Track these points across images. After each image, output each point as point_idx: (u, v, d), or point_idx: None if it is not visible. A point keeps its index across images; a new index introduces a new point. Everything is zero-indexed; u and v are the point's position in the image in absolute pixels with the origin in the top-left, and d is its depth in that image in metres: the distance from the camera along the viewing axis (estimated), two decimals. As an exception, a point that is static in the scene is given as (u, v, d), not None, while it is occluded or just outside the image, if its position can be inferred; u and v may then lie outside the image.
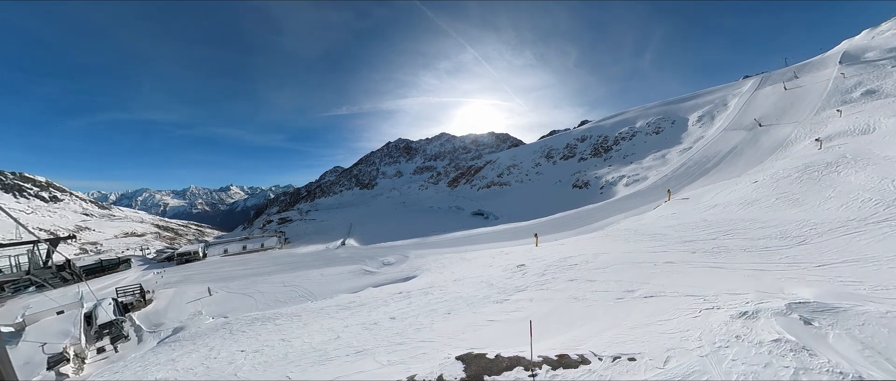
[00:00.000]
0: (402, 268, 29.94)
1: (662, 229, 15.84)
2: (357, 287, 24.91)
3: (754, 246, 10.21)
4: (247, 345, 13.53)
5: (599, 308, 8.64)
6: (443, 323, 10.64)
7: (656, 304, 7.98)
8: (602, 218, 32.54)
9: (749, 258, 9.39)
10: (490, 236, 39.68)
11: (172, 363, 13.26)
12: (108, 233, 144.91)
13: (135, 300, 28.37)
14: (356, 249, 54.26)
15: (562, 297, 10.09)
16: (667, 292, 8.42)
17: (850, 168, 15.65)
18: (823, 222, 10.74)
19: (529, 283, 12.51)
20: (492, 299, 12.14)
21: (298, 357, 10.68)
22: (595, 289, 9.80)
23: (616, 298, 8.86)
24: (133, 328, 23.67)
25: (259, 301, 26.97)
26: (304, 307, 19.54)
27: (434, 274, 23.18)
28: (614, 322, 7.58)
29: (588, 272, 11.72)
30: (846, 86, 44.14)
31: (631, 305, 8.35)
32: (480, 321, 9.90)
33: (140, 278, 40.19)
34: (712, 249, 10.90)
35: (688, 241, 12.61)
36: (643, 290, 8.93)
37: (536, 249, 21.61)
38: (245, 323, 17.85)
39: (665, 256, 11.46)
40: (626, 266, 11.33)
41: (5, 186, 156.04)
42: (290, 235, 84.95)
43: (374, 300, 17.54)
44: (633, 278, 10.00)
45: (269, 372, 9.95)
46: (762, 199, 16.02)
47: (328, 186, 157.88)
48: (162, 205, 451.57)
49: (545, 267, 14.29)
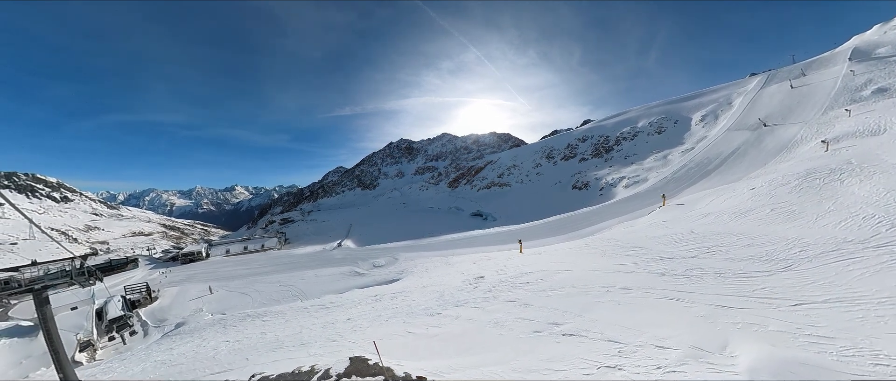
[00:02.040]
0: (390, 271, 30.11)
1: (646, 240, 14.75)
2: (344, 288, 25.31)
3: (732, 270, 9.04)
4: (231, 337, 15.50)
5: (509, 339, 8.22)
6: (375, 329, 11.31)
7: (566, 347, 7.16)
8: (596, 222, 31.48)
9: (719, 287, 8.21)
10: (481, 239, 39.10)
11: (170, 350, 15.69)
12: (116, 232, 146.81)
13: (141, 298, 30.14)
14: (351, 250, 54.37)
15: (486, 319, 9.91)
16: (590, 333, 7.48)
17: (855, 176, 14.32)
18: (817, 241, 9.52)
19: (472, 299, 12.58)
20: (430, 311, 12.35)
21: (262, 346, 12.51)
22: (523, 315, 9.41)
23: (534, 330, 8.28)
24: (140, 322, 25.21)
25: (255, 300, 27.85)
26: (292, 306, 20.58)
27: (414, 278, 23.36)
28: (507, 359, 7.14)
29: (532, 294, 11.21)
30: (856, 84, 42.22)
31: (541, 342, 7.65)
32: (401, 332, 10.28)
33: (147, 276, 42.62)
34: (685, 271, 9.76)
35: (664, 258, 11.53)
36: (570, 325, 8.08)
37: (517, 256, 20.91)
38: (238, 319, 19.30)
39: (627, 278, 10.40)
40: (577, 290, 10.48)
41: (19, 186, 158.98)
42: (291, 235, 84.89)
43: (351, 302, 18.32)
44: (572, 306, 9.22)
45: (237, 356, 11.72)
46: (757, 209, 14.82)
47: (331, 186, 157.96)
48: (169, 205, 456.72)
49: (499, 282, 14.01)
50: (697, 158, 45.27)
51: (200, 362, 12.10)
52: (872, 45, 52.22)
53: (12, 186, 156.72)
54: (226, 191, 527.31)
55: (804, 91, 47.49)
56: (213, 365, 11.07)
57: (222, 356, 12.44)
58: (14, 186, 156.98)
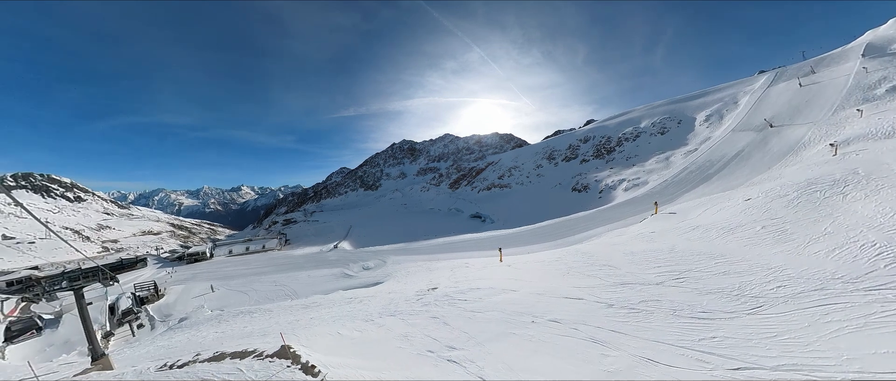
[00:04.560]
0: (376, 274, 30.53)
1: (621, 256, 13.47)
2: (331, 289, 26.17)
3: (691, 307, 7.69)
4: (221, 329, 17.20)
5: (403, 354, 8.61)
6: (322, 327, 12.47)
7: (439, 371, 7.15)
8: (587, 229, 30.17)
9: (662, 331, 6.84)
10: (470, 243, 38.30)
11: (170, 338, 17.98)
12: (126, 231, 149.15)
13: (149, 295, 32.15)
14: (346, 252, 54.55)
15: (400, 331, 10.36)
16: (471, 366, 7.12)
17: (860, 190, 12.72)
18: (801, 274, 8.09)
19: (407, 310, 13.00)
20: (369, 317, 12.94)
21: (237, 336, 14.18)
22: (432, 334, 9.61)
23: (428, 350, 8.48)
24: (147, 317, 27.37)
25: (252, 298, 29.02)
26: (281, 305, 21.89)
27: (392, 283, 23.67)
28: (386, 368, 7.68)
29: (459, 312, 11.24)
30: (869, 81, 39.92)
31: (424, 362, 7.89)
32: (334, 332, 11.07)
33: (154, 275, 44.24)
34: (638, 303, 8.50)
35: (625, 283, 10.32)
36: (463, 352, 7.83)
37: (492, 266, 20.19)
38: (232, 315, 20.92)
39: (568, 308, 9.40)
40: (503, 315, 9.99)
41: (35, 187, 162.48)
42: (292, 236, 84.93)
43: (329, 302, 19.29)
44: (484, 333, 8.81)
45: (215, 343, 13.21)
46: (747, 225, 13.36)
47: (334, 187, 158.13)
48: (177, 204, 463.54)
49: (443, 296, 14.09)
50: (699, 161, 43.40)
51: (189, 346, 13.96)
52: (887, 40, 49.51)
53: (29, 186, 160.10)
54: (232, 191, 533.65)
55: (813, 90, 45.20)
56: (196, 348, 12.40)
57: (207, 342, 14.35)
58: (30, 187, 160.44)
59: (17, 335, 21.85)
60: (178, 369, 9.33)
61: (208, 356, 9.65)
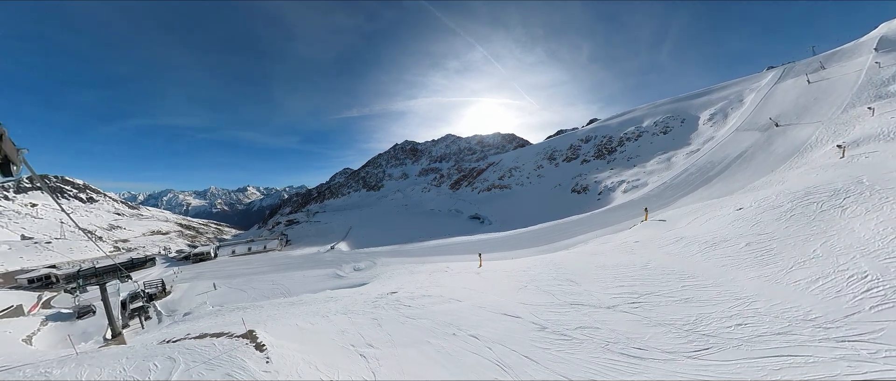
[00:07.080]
0: (365, 275, 30.94)
1: (591, 270, 12.47)
2: (321, 289, 26.80)
3: (630, 339, 6.60)
4: (217, 322, 18.14)
5: (335, 345, 9.76)
6: (289, 319, 13.77)
7: (348, 362, 8.02)
8: (578, 233, 28.96)
9: (576, 366, 5.98)
10: (460, 246, 37.52)
11: (172, 328, 19.72)
12: (136, 231, 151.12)
13: (157, 292, 34.49)
14: (341, 253, 54.47)
15: (341, 327, 11.47)
16: (378, 369, 7.66)
17: (862, 205, 11.27)
18: (770, 309, 6.81)
19: (360, 310, 13.98)
20: (325, 314, 13.86)
21: (225, 325, 14.57)
22: (363, 332, 10.57)
23: (351, 344, 9.64)
24: (155, 311, 29.86)
25: (250, 296, 30.05)
26: (273, 302, 23.13)
27: (375, 285, 23.95)
28: (318, 352, 8.97)
29: (398, 318, 11.86)
30: (882, 77, 37.78)
31: (344, 354, 8.90)
32: (290, 323, 12.40)
33: (162, 273, 46.96)
34: (575, 329, 7.57)
35: (576, 304, 9.57)
36: (376, 352, 8.96)
37: (467, 272, 19.76)
38: (229, 310, 22.18)
39: (498, 327, 9.07)
40: (433, 325, 10.52)
41: (49, 188, 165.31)
42: (294, 237, 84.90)
43: (313, 300, 20.38)
44: (403, 340, 9.66)
45: (204, 329, 14.56)
46: (732, 240, 12.07)
47: (337, 187, 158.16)
48: (185, 205, 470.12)
49: (395, 300, 14.75)
50: (701, 162, 41.63)
51: (186, 332, 15.19)
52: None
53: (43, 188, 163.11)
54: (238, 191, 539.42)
55: (823, 86, 43.05)
56: (189, 331, 14.25)
57: (198, 329, 15.68)
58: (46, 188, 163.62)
59: (84, 314, 28.84)
60: (173, 343, 11.49)
61: (195, 335, 12.59)
